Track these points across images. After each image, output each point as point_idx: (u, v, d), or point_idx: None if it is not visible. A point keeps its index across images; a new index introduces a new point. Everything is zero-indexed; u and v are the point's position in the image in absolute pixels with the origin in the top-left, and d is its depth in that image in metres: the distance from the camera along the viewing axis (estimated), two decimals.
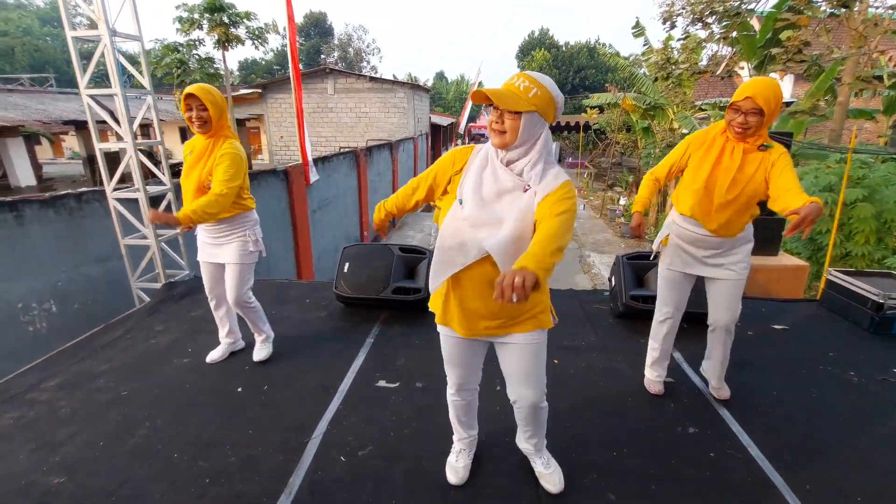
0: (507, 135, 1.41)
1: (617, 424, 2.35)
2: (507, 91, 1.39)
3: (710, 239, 2.14)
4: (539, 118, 1.42)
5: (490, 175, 1.50)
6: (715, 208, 2.06)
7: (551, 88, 1.42)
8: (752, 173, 2.00)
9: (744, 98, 1.90)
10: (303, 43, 45.76)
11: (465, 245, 1.49)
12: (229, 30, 12.38)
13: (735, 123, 1.97)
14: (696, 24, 7.87)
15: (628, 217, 11.04)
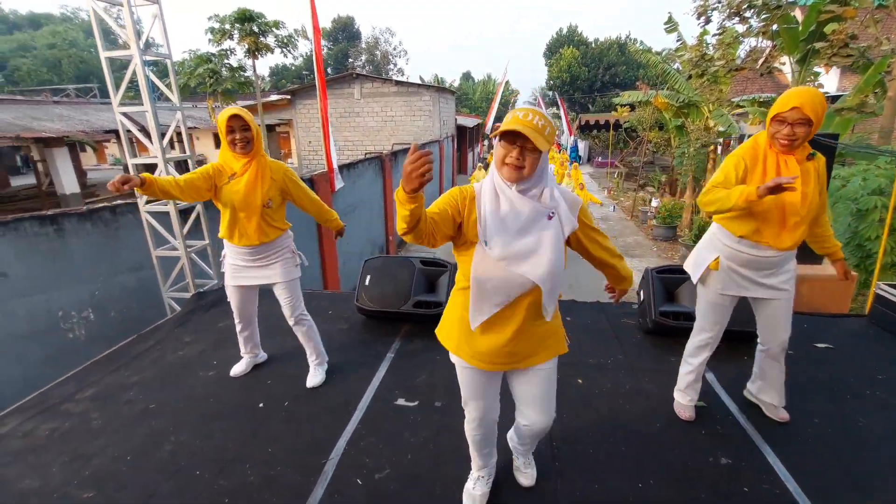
0: (525, 170, 1.41)
1: (643, 452, 2.24)
2: (533, 130, 1.36)
3: (769, 259, 2.06)
4: (546, 154, 1.44)
5: (509, 209, 1.46)
6: (788, 227, 1.97)
7: (553, 124, 1.45)
8: (813, 186, 1.95)
9: (790, 108, 1.80)
10: (331, 47, 46.56)
11: (506, 282, 1.47)
12: (259, 39, 12.69)
13: (781, 136, 1.87)
14: (734, 19, 7.52)
15: (661, 219, 10.69)
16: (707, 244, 2.24)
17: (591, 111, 29.15)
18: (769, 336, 2.24)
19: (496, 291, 1.49)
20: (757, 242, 2.02)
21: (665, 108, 10.87)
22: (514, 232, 1.45)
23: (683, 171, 10.80)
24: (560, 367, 2.94)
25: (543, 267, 1.45)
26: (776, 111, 1.86)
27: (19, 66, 36.18)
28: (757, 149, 1.99)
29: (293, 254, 2.76)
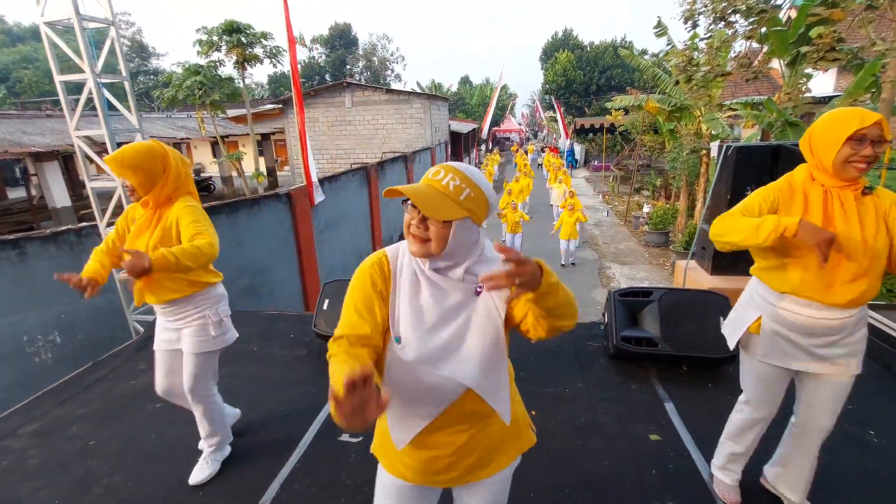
0: (432, 244, 1.07)
1: (590, 498, 2.11)
2: (433, 192, 1.06)
3: (825, 322, 1.61)
4: (470, 223, 1.10)
5: (428, 294, 1.13)
6: (847, 279, 1.55)
7: (485, 187, 1.11)
8: (876, 227, 1.53)
9: (872, 123, 1.44)
10: (328, 54, 46.70)
11: (430, 391, 1.14)
12: (246, 50, 12.67)
13: (860, 158, 1.47)
14: (719, 23, 7.39)
15: (652, 225, 10.54)
16: (747, 301, 1.84)
17: (587, 114, 29.05)
18: (807, 417, 1.78)
19: (421, 401, 1.15)
20: (807, 300, 1.61)
21: (657, 112, 10.73)
22: (432, 324, 1.12)
23: (676, 175, 10.65)
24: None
25: (472, 363, 1.11)
26: (854, 128, 1.45)
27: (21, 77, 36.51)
28: (793, 183, 1.62)
29: (211, 320, 2.17)
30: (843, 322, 1.60)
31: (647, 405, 2.74)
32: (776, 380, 1.78)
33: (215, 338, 2.20)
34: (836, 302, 1.57)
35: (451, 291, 1.14)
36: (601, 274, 9.19)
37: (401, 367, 1.13)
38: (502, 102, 40.73)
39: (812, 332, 1.64)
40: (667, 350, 2.95)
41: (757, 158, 4.25)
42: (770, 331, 1.72)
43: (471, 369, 1.11)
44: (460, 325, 1.13)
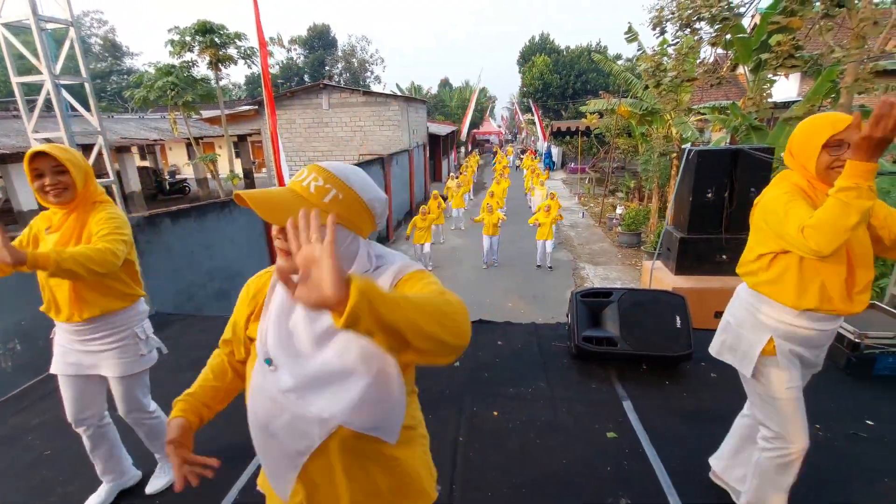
0: None
1: (545, 495, 2.16)
2: (284, 196, 0.90)
3: (831, 332, 1.60)
4: (344, 231, 0.94)
5: (300, 314, 0.98)
6: (860, 289, 1.49)
7: (361, 188, 0.95)
8: (864, 231, 1.48)
9: (846, 127, 1.38)
10: (307, 56, 46.24)
11: (297, 426, 0.96)
12: (220, 51, 12.49)
13: (841, 164, 1.38)
14: (685, 30, 7.59)
15: (625, 226, 10.75)
16: (750, 323, 1.68)
17: (563, 117, 29.44)
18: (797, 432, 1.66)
19: (290, 438, 0.97)
20: (825, 313, 1.52)
21: (629, 115, 10.95)
22: (306, 349, 0.96)
23: (649, 177, 10.89)
24: (479, 398, 2.90)
25: (349, 398, 0.93)
26: (829, 134, 1.39)
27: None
28: (800, 186, 1.52)
29: (140, 339, 2.01)
30: (837, 328, 1.61)
31: (606, 404, 2.80)
32: (800, 401, 1.63)
33: (144, 356, 2.03)
34: (855, 311, 1.50)
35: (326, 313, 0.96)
36: (575, 275, 9.32)
37: (268, 394, 0.98)
38: (481, 105, 40.94)
39: (818, 345, 1.61)
40: (626, 349, 3.03)
41: (717, 162, 4.39)
42: (787, 351, 1.60)
43: (344, 404, 0.93)
44: (339, 352, 0.94)
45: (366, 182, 0.98)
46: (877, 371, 2.93)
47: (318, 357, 0.95)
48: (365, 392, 0.93)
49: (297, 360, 0.96)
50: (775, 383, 1.63)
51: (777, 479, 1.71)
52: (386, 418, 0.99)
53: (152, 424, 2.19)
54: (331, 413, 0.93)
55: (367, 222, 0.98)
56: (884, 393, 2.81)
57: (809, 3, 6.09)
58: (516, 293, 8.42)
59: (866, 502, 2.07)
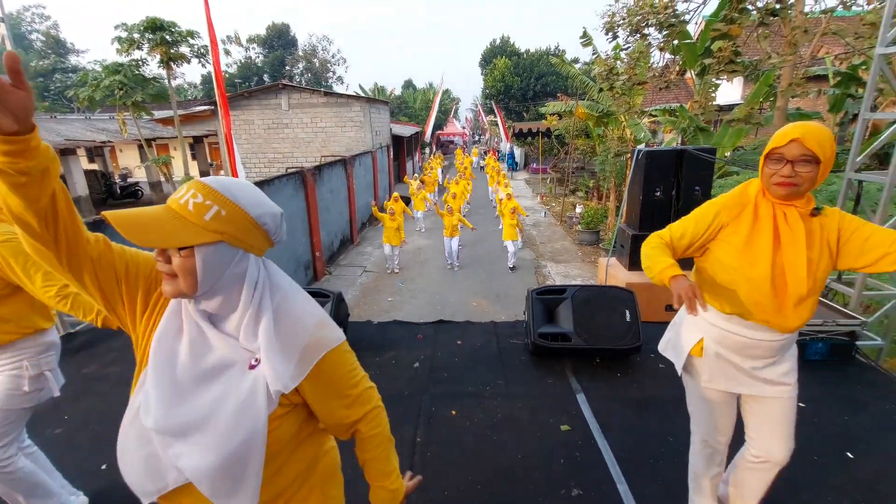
0: (182, 281, 0.84)
1: (499, 490, 2.19)
2: (161, 215, 0.83)
3: (769, 343, 1.56)
4: (231, 249, 0.87)
5: (188, 342, 0.89)
6: (793, 303, 1.46)
7: (247, 203, 0.88)
8: (820, 249, 1.47)
9: (788, 142, 1.38)
10: (266, 55, 45.13)
11: (157, 463, 0.88)
12: (171, 49, 12.01)
13: (779, 177, 1.42)
14: (635, 35, 7.90)
15: (584, 224, 11.06)
16: (688, 322, 1.73)
17: (525, 119, 29.97)
18: (763, 446, 1.67)
19: (145, 472, 0.89)
20: (752, 323, 1.53)
21: (586, 117, 11.27)
22: (184, 382, 0.88)
23: (606, 177, 11.24)
24: (437, 398, 2.93)
25: (207, 452, 0.84)
26: (770, 147, 1.44)
27: None
28: (744, 196, 1.55)
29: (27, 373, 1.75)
30: (783, 343, 1.57)
31: (560, 397, 2.88)
32: (725, 405, 1.69)
33: (27, 394, 1.76)
34: (787, 327, 1.49)
35: (217, 347, 0.89)
36: (538, 273, 9.50)
37: (133, 426, 0.90)
38: (445, 106, 41.11)
39: (756, 354, 1.59)
40: (580, 344, 3.12)
41: (664, 162, 4.59)
42: (713, 353, 1.63)
43: (200, 461, 0.84)
44: (217, 398, 0.87)
45: (254, 196, 0.90)
46: (808, 356, 3.13)
47: (197, 393, 0.87)
48: (224, 453, 0.84)
49: (173, 394, 0.87)
50: (698, 382, 1.69)
51: (702, 469, 1.83)
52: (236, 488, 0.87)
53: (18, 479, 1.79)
54: (186, 464, 0.85)
55: (258, 238, 0.90)
56: (814, 376, 3.01)
57: (747, 12, 6.46)
58: (480, 293, 8.50)
59: (798, 479, 2.22)
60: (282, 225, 0.95)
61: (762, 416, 1.65)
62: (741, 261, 1.50)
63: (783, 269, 1.46)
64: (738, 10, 6.67)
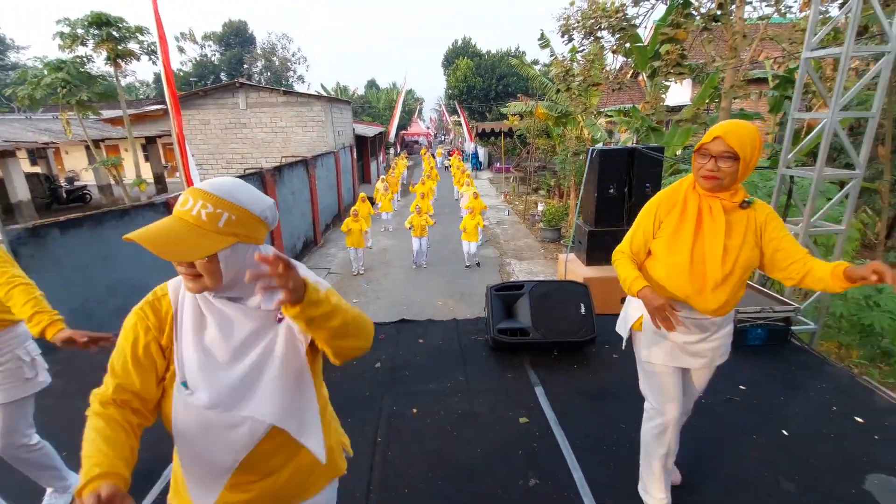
0: (206, 279, 0.97)
1: (460, 485, 2.23)
2: (179, 230, 0.92)
3: (698, 321, 1.72)
4: (244, 245, 0.99)
5: (215, 329, 1.02)
6: (710, 286, 1.62)
7: (251, 204, 0.98)
8: (742, 240, 1.62)
9: (713, 139, 1.55)
10: (223, 53, 43.67)
11: (222, 439, 1.02)
12: (119, 45, 11.42)
13: (704, 170, 1.58)
14: (589, 38, 8.14)
15: (546, 222, 11.30)
16: (633, 300, 1.87)
17: (488, 119, 30.31)
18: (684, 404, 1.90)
19: (217, 451, 1.03)
20: (680, 302, 1.70)
21: (546, 117, 11.51)
22: (224, 361, 1.01)
23: (566, 175, 11.52)
24: (399, 397, 2.94)
25: (272, 398, 1.01)
26: (700, 143, 1.60)
27: None
28: (677, 192, 1.70)
29: (24, 360, 1.92)
30: (712, 322, 1.72)
31: (519, 391, 2.95)
32: (671, 378, 1.82)
33: (30, 381, 1.92)
34: (706, 308, 1.65)
35: (243, 321, 1.02)
36: (502, 270, 9.65)
37: (192, 414, 1.01)
38: (408, 106, 41.01)
39: (685, 331, 1.72)
40: (538, 338, 3.20)
41: (616, 160, 4.76)
42: (650, 329, 1.78)
43: (270, 405, 1.02)
44: (258, 357, 1.02)
45: (252, 194, 1.01)
46: (748, 342, 3.34)
47: (237, 368, 1.02)
48: (285, 391, 1.03)
49: (216, 375, 1.00)
50: (639, 355, 1.89)
51: (652, 448, 1.93)
52: (306, 411, 1.08)
53: (35, 457, 2.03)
54: (261, 414, 1.01)
55: (262, 231, 1.03)
56: (753, 361, 3.21)
57: (692, 17, 6.77)
58: (445, 292, 8.55)
59: (737, 457, 2.37)
60: (276, 214, 1.08)
61: (685, 381, 1.89)
62: (666, 250, 1.69)
63: (703, 256, 1.62)
64: (684, 16, 6.99)
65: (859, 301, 4.21)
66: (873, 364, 4.62)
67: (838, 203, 3.55)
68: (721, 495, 2.13)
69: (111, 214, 5.34)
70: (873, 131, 3.23)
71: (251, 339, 1.03)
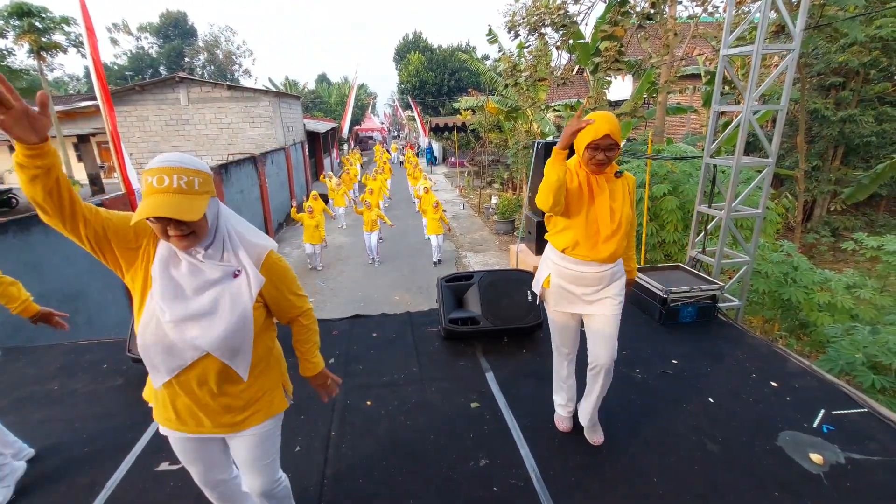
0: (198, 233, 1.26)
1: (412, 471, 2.30)
2: (174, 199, 1.17)
3: (592, 274, 2.12)
4: (213, 199, 1.31)
5: (187, 272, 1.31)
6: (602, 240, 2.06)
7: (200, 165, 1.26)
8: (622, 201, 2.08)
9: (603, 136, 1.91)
10: (161, 45, 41.30)
11: (174, 347, 1.32)
12: (43, 37, 10.61)
13: (596, 161, 1.97)
14: (535, 34, 8.35)
15: (500, 215, 11.54)
16: (542, 263, 2.32)
17: (441, 114, 30.36)
18: (593, 354, 2.25)
19: (167, 355, 1.33)
20: (578, 258, 2.11)
21: (497, 112, 11.70)
22: (191, 291, 1.31)
23: (518, 168, 11.79)
24: (352, 391, 2.96)
25: (216, 331, 1.31)
26: (590, 139, 1.92)
27: None
28: (571, 172, 2.07)
29: None
30: (604, 275, 2.13)
31: (471, 378, 3.05)
32: (568, 322, 2.30)
33: None
34: (600, 257, 2.07)
35: (209, 270, 1.32)
36: (458, 263, 9.78)
37: (153, 320, 1.30)
38: (361, 101, 40.38)
39: (583, 283, 2.15)
40: (487, 326, 3.31)
41: None
42: (556, 285, 2.22)
43: (213, 336, 1.32)
44: (214, 296, 1.32)
45: (193, 159, 1.26)
46: (681, 319, 3.60)
47: (196, 301, 1.31)
48: (227, 329, 1.32)
49: (180, 302, 1.30)
50: (549, 307, 2.31)
51: (557, 372, 2.48)
52: (241, 344, 1.37)
53: None
54: (202, 341, 1.31)
55: (212, 184, 1.30)
56: (685, 337, 3.46)
57: (629, 16, 7.10)
58: (403, 286, 8.58)
59: (667, 424, 2.57)
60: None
61: (592, 331, 2.23)
62: (576, 212, 2.08)
63: (596, 217, 2.07)
64: (621, 14, 7.30)
65: (779, 278, 4.61)
66: (793, 335, 5.09)
67: (757, 189, 3.87)
68: (654, 458, 2.32)
69: (40, 219, 5.00)
70: (782, 123, 3.54)
71: (212, 282, 1.32)
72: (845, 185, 10.15)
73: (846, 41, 9.18)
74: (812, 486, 2.13)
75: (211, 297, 1.32)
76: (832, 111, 10.28)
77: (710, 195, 3.90)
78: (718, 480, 2.18)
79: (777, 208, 6.33)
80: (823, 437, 2.44)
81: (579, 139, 1.98)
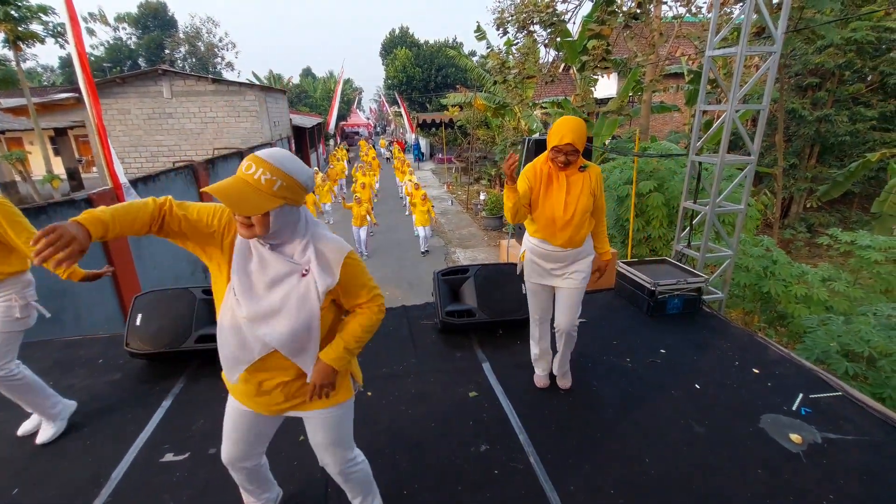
0: (257, 228, 1.28)
1: (414, 458, 2.37)
2: (245, 189, 1.21)
3: (556, 253, 2.49)
4: (289, 207, 1.31)
5: (257, 264, 1.36)
6: (559, 228, 2.41)
7: (297, 174, 1.28)
8: (579, 193, 2.38)
9: (566, 143, 2.24)
10: (140, 36, 40.32)
11: (246, 342, 1.40)
12: (20, 26, 10.32)
13: (559, 162, 2.33)
14: (523, 31, 8.44)
15: (488, 211, 11.63)
16: (522, 244, 2.73)
17: (428, 110, 30.34)
18: (557, 319, 2.66)
19: (239, 348, 1.41)
20: (542, 239, 2.50)
21: (484, 109, 11.78)
22: (259, 290, 1.37)
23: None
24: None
25: (283, 328, 1.36)
26: (554, 144, 2.28)
27: None
28: (537, 166, 2.45)
29: (17, 303, 2.29)
30: (566, 254, 2.50)
31: (468, 369, 3.13)
32: (540, 292, 2.69)
33: (18, 319, 2.30)
34: (556, 243, 2.46)
35: (277, 264, 1.36)
36: (448, 259, 9.86)
37: (231, 314, 1.39)
38: (347, 96, 40.07)
39: (549, 259, 2.53)
40: (483, 318, 3.40)
41: None
42: (529, 260, 2.63)
43: (279, 333, 1.37)
44: (283, 295, 1.37)
45: (297, 165, 1.30)
46: (668, 311, 3.74)
47: (267, 296, 1.37)
48: (294, 327, 1.37)
49: (253, 297, 1.36)
50: (525, 278, 2.71)
51: (533, 335, 2.83)
52: (307, 342, 1.43)
53: (23, 385, 2.39)
54: (270, 338, 1.37)
55: (303, 196, 1.34)
56: (672, 327, 3.60)
57: (616, 15, 7.23)
58: (393, 281, 8.63)
59: (656, 410, 2.69)
60: (314, 181, 1.46)
61: (559, 301, 2.62)
62: (537, 203, 2.44)
63: (552, 209, 2.41)
64: (608, 13, 7.44)
65: (759, 272, 4.80)
66: (772, 326, 5.30)
67: (739, 186, 4.03)
68: (645, 441, 2.44)
69: (24, 213, 4.91)
70: (764, 121, 3.70)
71: (281, 277, 1.36)
72: (821, 182, 10.51)
73: (822, 43, 9.48)
74: (792, 464, 2.28)
75: (280, 296, 1.36)
76: (809, 111, 10.61)
77: (696, 191, 4.05)
78: (705, 461, 2.31)
79: (757, 205, 6.55)
80: (802, 419, 2.59)
81: (549, 141, 2.33)
